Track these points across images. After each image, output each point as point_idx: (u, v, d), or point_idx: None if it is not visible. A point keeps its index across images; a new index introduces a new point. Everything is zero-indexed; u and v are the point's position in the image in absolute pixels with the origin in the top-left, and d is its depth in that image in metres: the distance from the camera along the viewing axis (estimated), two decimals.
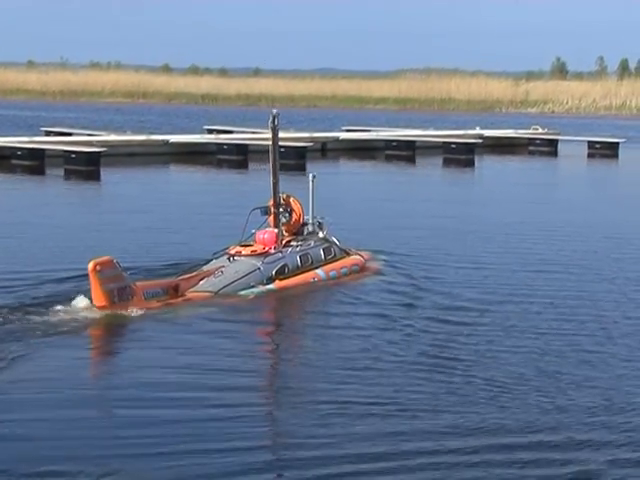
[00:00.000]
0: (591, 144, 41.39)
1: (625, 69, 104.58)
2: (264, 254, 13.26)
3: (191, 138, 37.12)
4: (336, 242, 14.56)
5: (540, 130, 44.99)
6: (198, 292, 12.50)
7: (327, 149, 38.29)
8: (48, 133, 39.40)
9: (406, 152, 37.64)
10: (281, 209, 13.94)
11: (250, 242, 13.47)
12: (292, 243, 13.94)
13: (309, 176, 14.64)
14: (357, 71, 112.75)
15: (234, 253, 13.15)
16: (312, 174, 14.64)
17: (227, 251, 13.23)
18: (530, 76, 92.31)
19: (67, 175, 28.62)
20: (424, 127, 46.41)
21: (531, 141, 43.32)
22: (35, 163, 30.07)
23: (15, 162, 30.26)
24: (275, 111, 14.01)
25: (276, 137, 13.92)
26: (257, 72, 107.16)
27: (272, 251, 13.37)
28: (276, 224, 13.78)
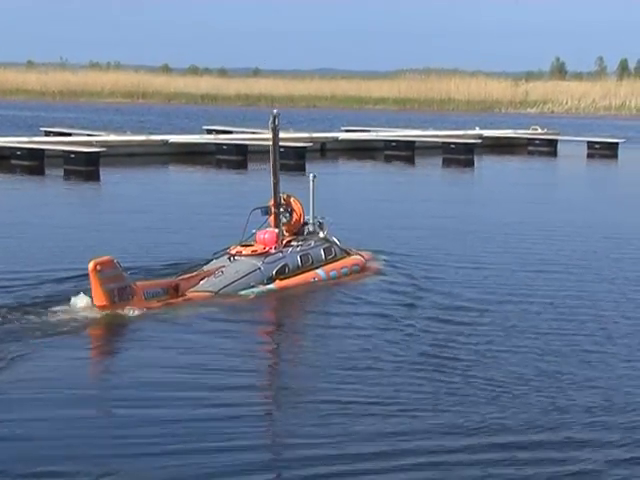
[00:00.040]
0: (590, 144, 41.36)
1: (625, 69, 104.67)
2: (264, 254, 13.25)
3: (190, 138, 37.08)
4: (336, 242, 14.56)
5: (539, 130, 44.96)
6: (198, 292, 12.50)
7: (326, 149, 38.25)
8: (48, 133, 39.36)
9: (405, 152, 37.60)
10: (281, 209, 13.94)
11: (251, 242, 13.47)
12: (292, 243, 13.94)
13: (309, 176, 14.63)
14: (356, 71, 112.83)
15: (234, 253, 13.15)
16: (312, 174, 14.63)
17: (228, 251, 13.23)
18: (529, 76, 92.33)
19: (67, 175, 28.60)
20: (423, 127, 46.39)
21: (530, 141, 43.29)
22: (35, 163, 30.03)
23: (15, 162, 30.23)
24: (276, 111, 14.00)
25: (277, 137, 13.91)
26: (257, 72, 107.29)
27: (272, 251, 13.37)
28: (276, 224, 13.78)
